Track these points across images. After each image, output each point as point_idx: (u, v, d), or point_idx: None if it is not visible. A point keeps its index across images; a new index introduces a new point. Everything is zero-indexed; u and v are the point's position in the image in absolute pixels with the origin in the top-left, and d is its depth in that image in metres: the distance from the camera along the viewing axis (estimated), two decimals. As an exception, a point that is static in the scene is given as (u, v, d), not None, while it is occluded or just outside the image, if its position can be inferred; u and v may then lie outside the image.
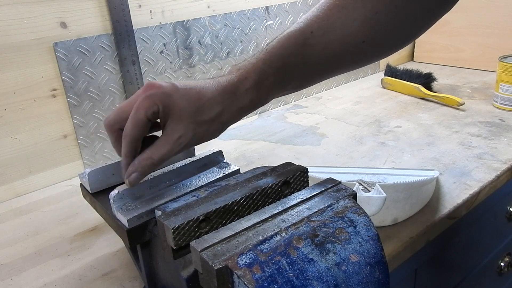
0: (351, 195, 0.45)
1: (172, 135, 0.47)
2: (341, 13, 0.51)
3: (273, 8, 1.16)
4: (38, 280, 0.62)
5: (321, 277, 0.38)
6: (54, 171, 0.90)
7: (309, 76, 0.54)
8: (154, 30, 0.96)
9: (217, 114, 0.49)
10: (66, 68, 0.86)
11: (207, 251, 0.38)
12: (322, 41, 0.51)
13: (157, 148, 0.48)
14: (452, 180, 0.78)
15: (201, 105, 0.48)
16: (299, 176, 0.50)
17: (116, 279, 0.61)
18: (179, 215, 0.44)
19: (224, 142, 1.03)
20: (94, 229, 0.74)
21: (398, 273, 0.67)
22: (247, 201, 0.46)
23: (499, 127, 0.98)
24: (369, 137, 0.99)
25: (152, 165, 0.48)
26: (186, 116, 0.47)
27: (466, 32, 1.43)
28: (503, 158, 0.84)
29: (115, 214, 0.52)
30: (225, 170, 0.59)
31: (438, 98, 1.17)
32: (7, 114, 0.83)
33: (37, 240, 0.72)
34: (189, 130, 0.48)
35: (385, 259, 0.42)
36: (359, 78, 1.45)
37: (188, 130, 0.47)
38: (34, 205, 0.84)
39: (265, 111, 1.22)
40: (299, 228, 0.40)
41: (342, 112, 1.17)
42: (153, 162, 0.48)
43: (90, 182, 0.59)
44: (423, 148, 0.91)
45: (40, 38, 0.83)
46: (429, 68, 1.41)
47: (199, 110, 0.48)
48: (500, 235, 1.01)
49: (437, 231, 0.68)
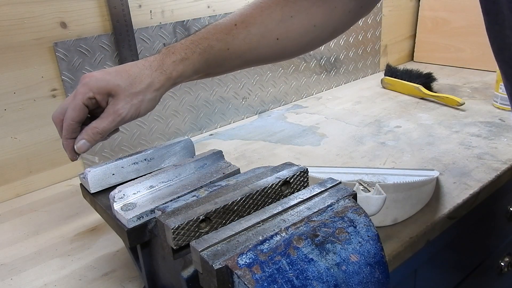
0: (351, 195, 0.45)
1: (112, 108, 0.55)
2: (262, 12, 0.60)
3: (273, 8, 1.16)
4: (38, 280, 0.62)
5: (321, 277, 0.38)
6: (54, 171, 0.90)
7: (232, 61, 0.62)
8: (154, 30, 0.96)
9: (148, 85, 0.56)
10: (66, 68, 0.86)
11: (207, 251, 0.38)
12: (244, 32, 0.60)
13: (101, 120, 0.55)
14: (452, 180, 0.78)
15: (132, 80, 0.55)
16: (299, 176, 0.50)
17: (116, 279, 0.61)
18: (179, 215, 0.44)
19: (224, 142, 1.03)
20: (94, 229, 0.74)
21: (398, 273, 0.67)
22: (247, 201, 0.46)
23: (499, 127, 0.98)
24: (369, 137, 0.99)
25: (97, 133, 0.55)
26: (121, 91, 0.55)
27: (466, 32, 1.43)
28: (503, 158, 0.84)
29: (115, 214, 0.52)
30: (225, 170, 0.59)
31: (438, 98, 1.17)
32: (7, 114, 0.83)
33: (37, 240, 0.72)
34: (126, 102, 0.55)
35: (385, 259, 0.42)
36: (359, 78, 1.45)
37: (125, 102, 0.55)
38: (34, 205, 0.84)
39: (265, 111, 1.22)
40: (299, 228, 0.40)
41: (342, 112, 1.17)
42: (98, 131, 0.55)
43: (90, 182, 0.59)
44: (423, 148, 0.91)
45: (40, 38, 0.83)
46: (429, 68, 1.41)
47: (131, 84, 0.55)
48: (500, 235, 1.01)
49: (437, 231, 0.68)
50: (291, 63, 1.24)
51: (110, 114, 0.55)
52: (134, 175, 0.61)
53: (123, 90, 0.55)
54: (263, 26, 0.60)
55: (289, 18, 0.60)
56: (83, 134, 0.55)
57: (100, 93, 0.55)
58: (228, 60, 0.61)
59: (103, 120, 0.55)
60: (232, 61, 0.62)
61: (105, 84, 0.55)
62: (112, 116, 0.55)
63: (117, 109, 0.55)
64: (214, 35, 0.59)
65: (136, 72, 0.56)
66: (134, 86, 0.55)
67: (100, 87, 0.54)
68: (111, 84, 0.55)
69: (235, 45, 0.60)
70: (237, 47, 0.60)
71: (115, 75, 0.56)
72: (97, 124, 0.55)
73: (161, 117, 1.02)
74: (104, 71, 0.56)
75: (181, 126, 1.06)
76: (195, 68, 0.59)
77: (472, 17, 1.40)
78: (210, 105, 1.10)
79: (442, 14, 1.47)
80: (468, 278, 0.92)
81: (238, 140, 1.04)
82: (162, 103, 1.00)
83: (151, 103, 0.58)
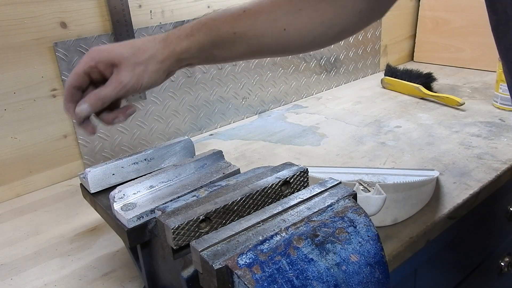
0: (351, 195, 0.45)
1: (115, 77, 0.57)
2: (272, 2, 0.61)
3: (273, 8, 1.16)
4: (38, 280, 0.62)
5: (321, 277, 0.38)
6: (54, 171, 0.90)
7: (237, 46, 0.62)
8: (154, 30, 0.96)
9: (151, 55, 0.58)
10: (66, 68, 0.86)
11: (207, 251, 0.38)
12: (251, 19, 0.61)
13: (104, 87, 0.57)
14: (452, 180, 0.78)
15: (135, 50, 0.57)
16: (299, 176, 0.50)
17: (116, 279, 0.61)
18: (179, 215, 0.44)
19: (224, 142, 1.03)
20: (94, 229, 0.74)
21: (398, 273, 0.67)
22: (247, 201, 0.46)
23: (499, 127, 0.98)
24: (369, 137, 0.99)
25: (98, 99, 0.57)
26: (124, 60, 0.57)
27: (466, 32, 1.43)
28: (503, 158, 0.84)
29: (115, 214, 0.52)
30: (225, 170, 0.59)
31: (438, 98, 1.17)
32: (7, 114, 0.83)
33: (37, 240, 0.72)
34: (128, 71, 0.57)
35: (385, 259, 0.42)
36: (359, 78, 1.45)
37: (127, 71, 0.57)
38: (34, 205, 0.84)
39: (265, 111, 1.22)
40: (299, 228, 0.40)
41: (342, 112, 1.17)
42: (99, 96, 0.57)
43: (90, 182, 0.59)
44: (423, 148, 0.91)
45: (40, 38, 0.83)
46: (429, 68, 1.41)
47: (134, 54, 0.57)
48: (500, 235, 1.01)
49: (437, 231, 0.68)
50: (291, 63, 1.24)
51: (112, 82, 0.57)
52: (134, 175, 0.61)
53: (126, 59, 0.57)
54: (271, 15, 0.61)
55: (297, 10, 0.60)
56: (85, 98, 0.57)
57: (103, 62, 0.57)
58: (233, 44, 0.62)
59: (106, 87, 0.57)
60: (238, 46, 0.62)
61: (108, 54, 0.57)
62: (114, 83, 0.57)
63: (119, 77, 0.57)
64: (221, 18, 0.61)
65: (140, 44, 0.58)
66: (137, 55, 0.57)
67: (102, 56, 0.57)
68: (114, 53, 0.57)
69: (241, 30, 0.61)
70: (243, 32, 0.61)
71: (118, 46, 0.58)
72: (99, 91, 0.57)
73: (161, 117, 1.02)
74: (110, 44, 0.59)
75: (181, 126, 1.06)
76: (200, 46, 0.60)
77: (472, 17, 1.40)
78: (210, 105, 1.10)
79: (442, 14, 1.47)
80: (468, 278, 0.92)
81: (238, 140, 1.04)
82: (162, 103, 1.01)
83: (154, 75, 0.59)
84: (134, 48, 0.57)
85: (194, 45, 0.59)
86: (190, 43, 0.59)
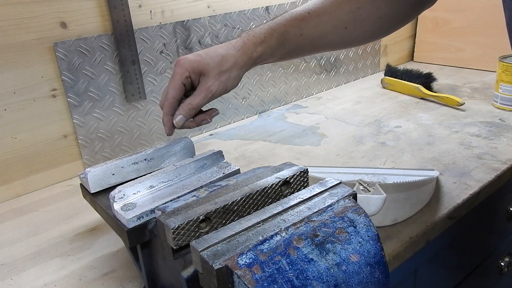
0: (351, 195, 0.45)
1: (204, 86, 0.62)
2: (332, 3, 0.67)
3: (273, 8, 1.16)
4: (38, 280, 0.62)
5: (321, 277, 0.38)
6: (54, 171, 0.90)
7: (304, 45, 0.68)
8: (154, 30, 0.96)
9: (233, 63, 0.64)
10: (66, 68, 0.86)
11: (207, 251, 0.38)
12: (315, 20, 0.66)
13: (194, 96, 0.63)
14: (452, 180, 0.78)
15: (220, 60, 0.63)
16: (299, 176, 0.50)
17: (116, 279, 0.61)
18: (179, 215, 0.44)
19: (224, 142, 1.03)
20: (94, 229, 0.74)
21: (398, 273, 0.67)
22: (247, 201, 0.46)
23: (499, 127, 0.98)
24: (369, 137, 0.99)
25: (192, 109, 0.63)
26: (211, 70, 0.62)
27: (466, 32, 1.43)
28: (503, 158, 0.84)
29: (115, 214, 0.52)
30: (225, 170, 0.59)
31: (438, 98, 1.17)
32: (7, 114, 0.83)
33: (37, 240, 0.72)
34: (215, 79, 0.62)
35: (385, 259, 0.42)
36: (359, 78, 1.45)
37: (215, 80, 0.62)
38: (34, 205, 0.84)
39: (265, 111, 1.22)
40: (299, 228, 0.40)
41: (342, 112, 1.17)
42: (192, 106, 0.62)
43: (90, 182, 0.59)
44: (423, 148, 0.91)
45: (40, 38, 0.83)
46: (429, 68, 1.41)
47: (219, 64, 0.63)
48: (500, 235, 1.01)
49: (437, 231, 0.68)
50: (291, 63, 1.24)
51: (202, 91, 0.62)
52: (134, 175, 0.61)
53: (212, 69, 0.62)
54: (333, 15, 0.66)
55: (357, 9, 0.65)
56: (180, 110, 0.62)
57: (194, 72, 0.62)
58: (300, 44, 0.68)
59: (196, 96, 0.62)
60: (305, 46, 0.68)
61: (197, 64, 0.62)
62: (204, 92, 0.62)
63: (208, 86, 0.62)
64: (289, 22, 0.66)
65: (223, 51, 0.64)
66: (222, 65, 0.63)
67: (194, 67, 0.62)
68: (202, 64, 0.62)
69: (307, 31, 0.66)
70: (309, 33, 0.66)
71: (205, 56, 0.63)
72: (191, 100, 0.62)
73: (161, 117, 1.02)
74: (195, 53, 0.64)
75: (181, 126, 1.06)
76: (272, 50, 0.66)
77: (472, 17, 1.40)
78: (210, 105, 1.10)
79: (442, 14, 1.47)
80: (468, 278, 0.92)
81: (238, 140, 1.04)
82: (162, 103, 1.01)
83: (236, 80, 0.65)
84: (219, 58, 0.63)
85: (267, 50, 0.65)
86: (264, 49, 0.65)
